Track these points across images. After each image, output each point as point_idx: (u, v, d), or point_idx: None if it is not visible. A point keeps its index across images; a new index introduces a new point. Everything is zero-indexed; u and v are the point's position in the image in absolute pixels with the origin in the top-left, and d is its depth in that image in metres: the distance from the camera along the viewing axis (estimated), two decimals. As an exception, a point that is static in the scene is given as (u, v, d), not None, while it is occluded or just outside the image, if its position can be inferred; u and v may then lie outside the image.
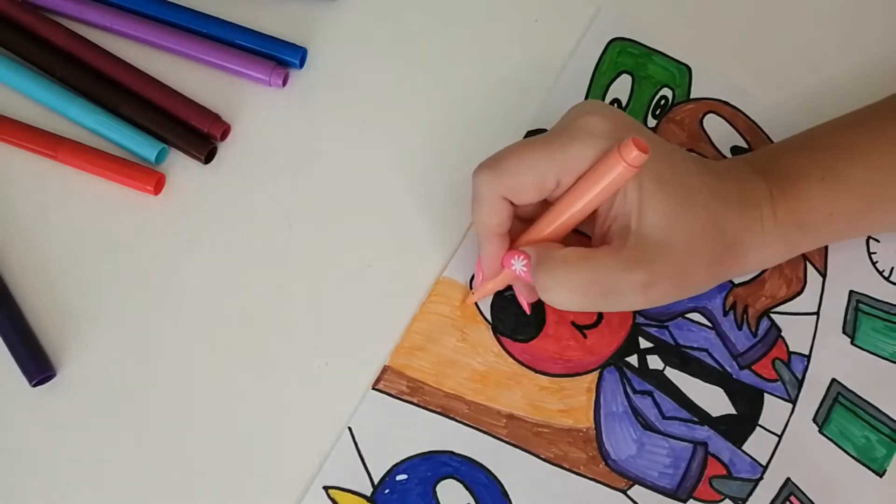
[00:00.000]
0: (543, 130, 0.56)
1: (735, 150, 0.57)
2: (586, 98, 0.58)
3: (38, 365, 0.51)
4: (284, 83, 0.57)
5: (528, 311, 0.53)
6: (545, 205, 0.49)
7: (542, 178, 0.47)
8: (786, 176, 0.49)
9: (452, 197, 0.55)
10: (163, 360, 0.52)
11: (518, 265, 0.48)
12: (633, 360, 0.53)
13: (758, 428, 0.52)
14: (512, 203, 0.48)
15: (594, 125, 0.46)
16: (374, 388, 0.52)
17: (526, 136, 0.56)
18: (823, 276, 0.55)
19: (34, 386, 0.51)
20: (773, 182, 0.49)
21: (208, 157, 0.56)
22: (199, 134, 0.56)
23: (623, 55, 0.59)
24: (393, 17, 0.60)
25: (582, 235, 0.52)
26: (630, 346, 0.53)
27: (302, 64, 0.58)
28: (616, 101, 0.58)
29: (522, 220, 0.50)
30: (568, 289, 0.46)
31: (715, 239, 0.48)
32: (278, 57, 0.58)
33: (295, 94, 0.58)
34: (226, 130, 0.56)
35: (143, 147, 0.55)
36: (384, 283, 0.54)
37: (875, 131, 0.51)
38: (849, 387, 0.53)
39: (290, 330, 0.53)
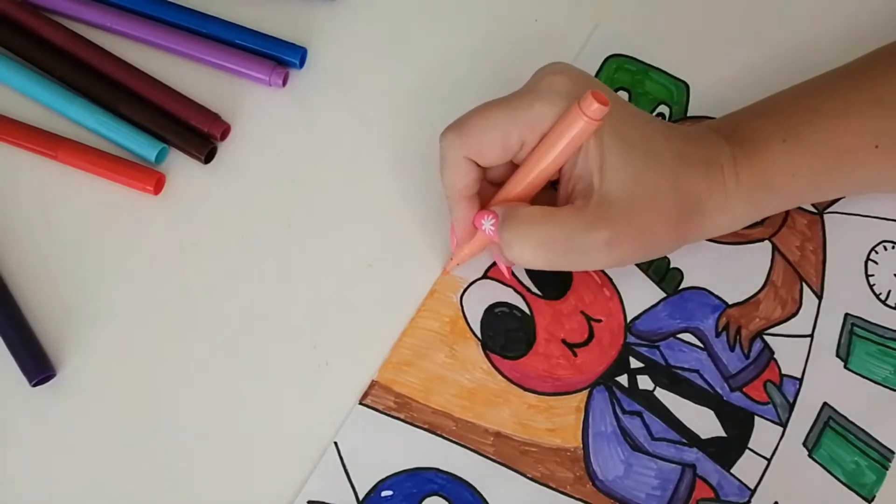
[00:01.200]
0: None
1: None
2: None
3: (37, 365, 0.51)
4: (284, 83, 0.58)
5: (507, 276, 0.53)
6: (513, 168, 0.49)
7: (505, 137, 0.47)
8: (749, 139, 0.50)
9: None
10: (163, 361, 0.52)
11: (487, 224, 0.48)
12: (623, 379, 0.53)
13: (747, 451, 0.51)
14: (478, 165, 0.48)
15: (557, 84, 0.47)
16: (361, 403, 0.51)
17: None
18: (819, 297, 0.54)
19: (34, 386, 0.51)
20: (737, 145, 0.50)
21: (208, 156, 0.56)
22: (199, 134, 0.56)
23: (620, 71, 0.59)
24: (393, 17, 0.60)
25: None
26: (620, 365, 0.53)
27: (302, 64, 0.58)
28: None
29: (494, 185, 0.51)
30: (531, 245, 0.47)
31: (678, 199, 0.48)
32: (278, 57, 0.58)
33: (295, 94, 0.58)
34: (226, 130, 0.56)
35: (143, 147, 0.55)
36: (384, 283, 0.54)
37: (835, 94, 0.51)
38: (840, 411, 0.52)
39: (290, 330, 0.53)
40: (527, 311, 0.53)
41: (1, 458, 0.50)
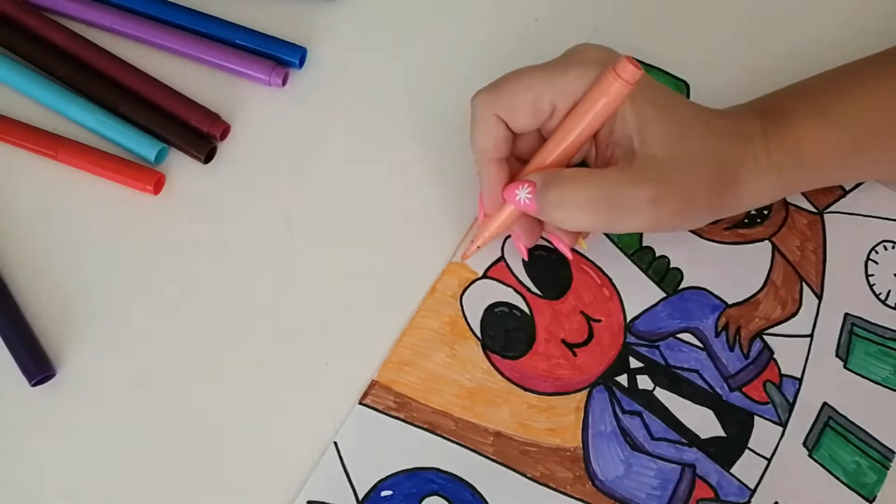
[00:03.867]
0: None
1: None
2: None
3: (37, 364, 0.51)
4: (284, 83, 0.57)
5: (525, 257, 0.53)
6: (541, 142, 0.49)
7: (537, 100, 0.47)
8: (779, 114, 0.50)
9: (453, 197, 0.55)
10: (163, 361, 0.52)
11: (522, 194, 0.48)
12: (622, 379, 0.52)
13: (747, 451, 0.51)
14: (508, 128, 0.48)
15: (590, 53, 0.47)
16: (360, 403, 0.51)
17: None
18: (819, 297, 0.54)
19: (34, 385, 0.50)
20: (767, 120, 0.50)
21: (208, 156, 0.56)
22: (198, 134, 0.56)
23: None
24: (393, 17, 0.60)
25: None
26: (620, 365, 0.53)
27: (302, 64, 0.58)
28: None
29: (521, 161, 0.50)
30: (577, 205, 0.46)
31: (714, 165, 0.48)
32: (278, 57, 0.58)
33: (295, 94, 0.58)
34: (225, 130, 0.56)
35: (143, 147, 0.55)
36: (384, 282, 0.54)
37: (866, 78, 0.51)
38: (840, 411, 0.52)
39: (290, 330, 0.52)
40: (526, 310, 0.53)
41: (1, 458, 0.50)
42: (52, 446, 0.50)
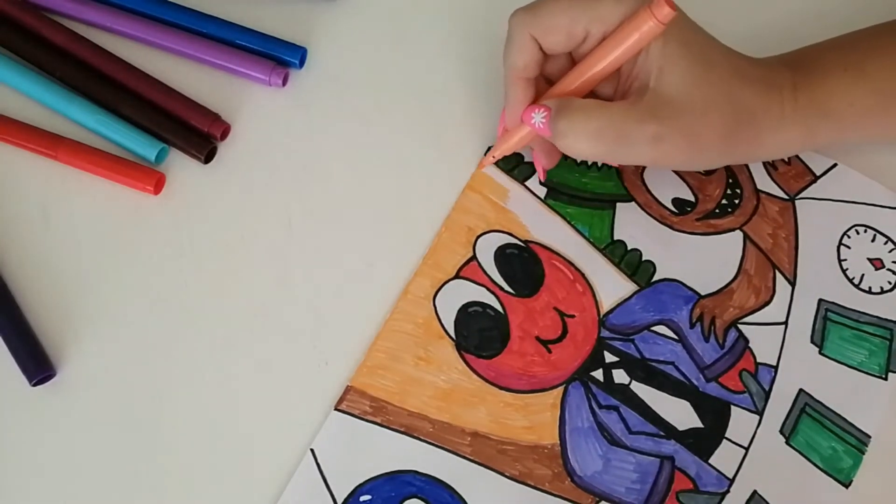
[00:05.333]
0: None
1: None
2: None
3: (37, 364, 0.38)
4: (284, 83, 0.44)
5: (542, 178, 0.42)
6: (571, 66, 0.39)
7: (572, 24, 0.38)
8: (810, 66, 0.40)
9: (452, 197, 0.42)
10: (162, 361, 0.39)
11: (537, 118, 0.38)
12: (598, 374, 0.40)
13: (724, 441, 0.39)
14: (541, 49, 0.38)
15: None
16: (336, 409, 0.39)
17: (489, 150, 0.43)
18: (792, 284, 0.41)
19: (34, 385, 0.38)
20: (798, 70, 0.40)
21: (208, 156, 0.42)
22: (199, 134, 0.42)
23: None
24: (393, 17, 0.46)
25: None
26: (595, 360, 0.40)
27: (302, 64, 0.44)
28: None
29: (549, 82, 0.41)
30: (585, 134, 0.37)
31: (730, 112, 0.38)
32: (278, 57, 0.44)
33: (295, 94, 0.44)
34: (226, 130, 0.43)
35: (143, 147, 0.41)
36: (384, 283, 0.40)
37: None
38: (816, 397, 0.40)
39: (290, 330, 0.40)
40: (500, 309, 0.41)
41: (1, 458, 0.37)
42: (52, 446, 0.38)
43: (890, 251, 0.42)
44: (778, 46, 0.41)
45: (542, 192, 0.42)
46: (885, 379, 0.40)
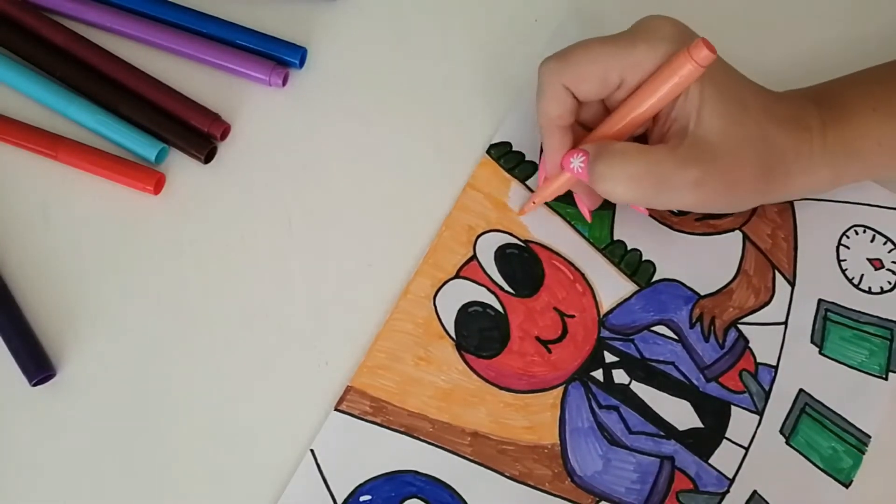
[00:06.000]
0: (507, 143, 0.43)
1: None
2: None
3: (37, 364, 0.38)
4: (284, 83, 0.43)
5: (588, 219, 0.41)
6: (605, 111, 0.39)
7: (606, 72, 0.37)
8: (839, 104, 0.39)
9: (452, 197, 0.41)
10: (162, 361, 0.39)
11: (576, 162, 0.37)
12: (598, 374, 0.40)
13: (724, 441, 0.39)
14: (574, 96, 0.38)
15: (662, 29, 0.37)
16: (336, 409, 0.38)
17: (489, 149, 0.43)
18: (792, 284, 0.41)
19: (34, 385, 0.38)
20: (826, 109, 0.39)
21: (208, 156, 0.42)
22: (199, 134, 0.42)
23: None
24: (393, 17, 0.45)
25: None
26: (595, 360, 0.40)
27: (302, 64, 0.44)
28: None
29: (585, 128, 0.40)
30: (624, 178, 0.36)
31: (764, 153, 0.37)
32: (278, 57, 0.43)
33: (295, 94, 0.43)
34: (226, 130, 0.43)
35: (143, 147, 0.41)
36: (384, 282, 0.40)
37: None
38: (816, 397, 0.40)
39: (290, 330, 0.39)
40: (500, 309, 0.40)
41: (1, 458, 0.37)
42: (52, 446, 0.38)
43: (889, 251, 0.42)
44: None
45: (542, 191, 0.43)
46: (886, 379, 0.40)
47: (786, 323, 0.41)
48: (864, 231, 0.42)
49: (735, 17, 0.45)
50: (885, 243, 0.42)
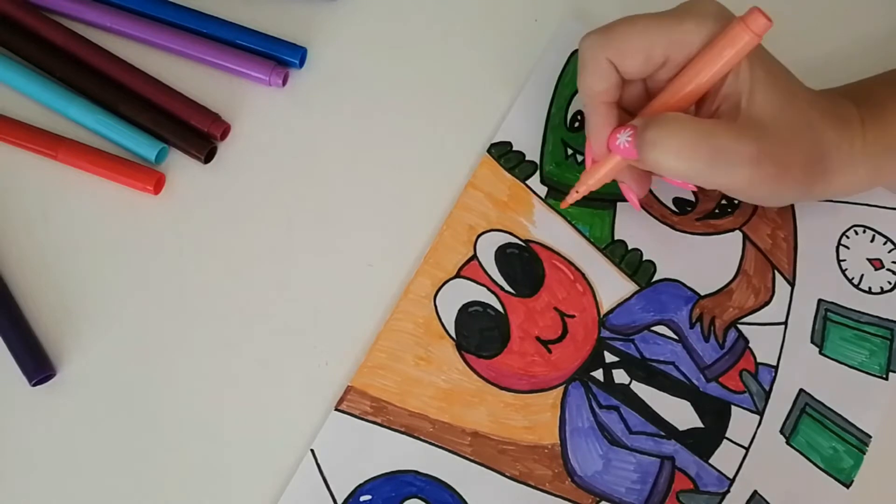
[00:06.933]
0: (508, 143, 0.43)
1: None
2: (550, 105, 0.43)
3: (37, 364, 0.38)
4: (284, 83, 0.43)
5: (637, 209, 0.40)
6: (646, 95, 0.38)
7: (650, 47, 0.35)
8: (878, 102, 0.38)
9: (452, 197, 0.41)
10: (163, 361, 0.39)
11: (623, 137, 0.35)
12: (598, 374, 0.39)
13: (725, 441, 0.39)
14: (618, 73, 0.36)
15: (708, 6, 0.35)
16: (336, 409, 0.38)
17: (490, 149, 0.43)
18: (792, 285, 0.41)
19: (34, 385, 0.38)
20: (865, 107, 0.38)
21: (208, 156, 0.42)
22: (199, 134, 0.42)
23: None
24: (393, 17, 0.45)
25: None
26: (595, 360, 0.40)
27: (302, 64, 0.44)
28: (579, 112, 0.43)
29: (627, 112, 0.38)
30: (676, 146, 0.34)
31: (812, 143, 0.36)
32: (278, 57, 0.43)
33: (295, 94, 0.43)
34: (226, 130, 0.42)
35: (143, 147, 0.41)
36: (384, 282, 0.40)
37: None
38: (816, 397, 0.39)
39: (290, 330, 0.39)
40: (500, 309, 0.40)
41: (1, 458, 0.37)
42: (52, 446, 0.37)
43: (889, 251, 0.42)
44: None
45: (542, 191, 0.42)
46: (886, 379, 0.39)
47: (786, 323, 0.40)
48: (864, 231, 0.42)
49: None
50: (885, 243, 0.42)
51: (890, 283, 0.41)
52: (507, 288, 0.41)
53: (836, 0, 0.45)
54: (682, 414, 0.39)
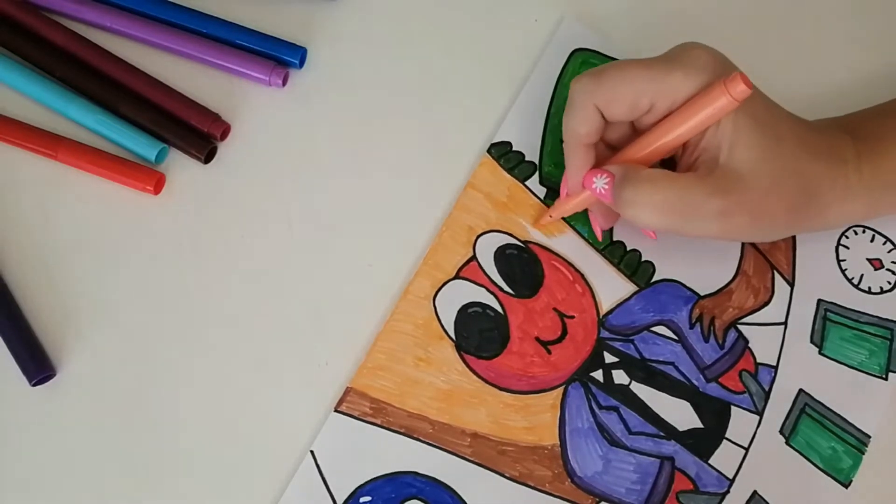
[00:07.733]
0: (508, 143, 0.42)
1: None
2: (550, 105, 0.43)
3: (37, 364, 0.38)
4: (284, 83, 0.43)
5: (599, 238, 0.41)
6: (633, 133, 0.39)
7: (637, 96, 0.36)
8: (873, 136, 0.39)
9: (452, 197, 0.41)
10: (162, 360, 0.39)
11: (599, 183, 0.37)
12: (598, 375, 0.40)
13: (724, 441, 0.39)
14: (603, 117, 0.37)
15: (699, 58, 0.36)
16: (336, 411, 0.38)
17: (489, 149, 0.42)
18: (791, 285, 0.41)
19: (34, 385, 0.38)
20: (861, 141, 0.38)
21: (208, 156, 0.42)
22: (199, 134, 0.42)
23: (586, 66, 0.44)
24: (393, 17, 0.45)
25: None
26: (595, 361, 0.40)
27: (302, 64, 0.44)
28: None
29: (609, 148, 0.40)
30: (651, 205, 0.36)
31: (799, 186, 0.37)
32: (278, 57, 0.43)
33: (295, 94, 0.43)
34: (226, 130, 0.42)
35: (143, 147, 0.41)
36: (384, 283, 0.40)
37: None
38: (816, 397, 0.39)
39: (290, 330, 0.39)
40: (500, 310, 0.40)
41: (1, 458, 0.37)
42: (52, 446, 0.37)
43: (889, 251, 0.42)
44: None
45: (541, 192, 0.42)
46: (886, 379, 0.40)
47: (785, 323, 0.41)
48: (864, 231, 0.42)
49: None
50: (884, 243, 0.42)
51: (890, 283, 0.41)
52: (507, 289, 0.41)
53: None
54: (681, 414, 0.39)
